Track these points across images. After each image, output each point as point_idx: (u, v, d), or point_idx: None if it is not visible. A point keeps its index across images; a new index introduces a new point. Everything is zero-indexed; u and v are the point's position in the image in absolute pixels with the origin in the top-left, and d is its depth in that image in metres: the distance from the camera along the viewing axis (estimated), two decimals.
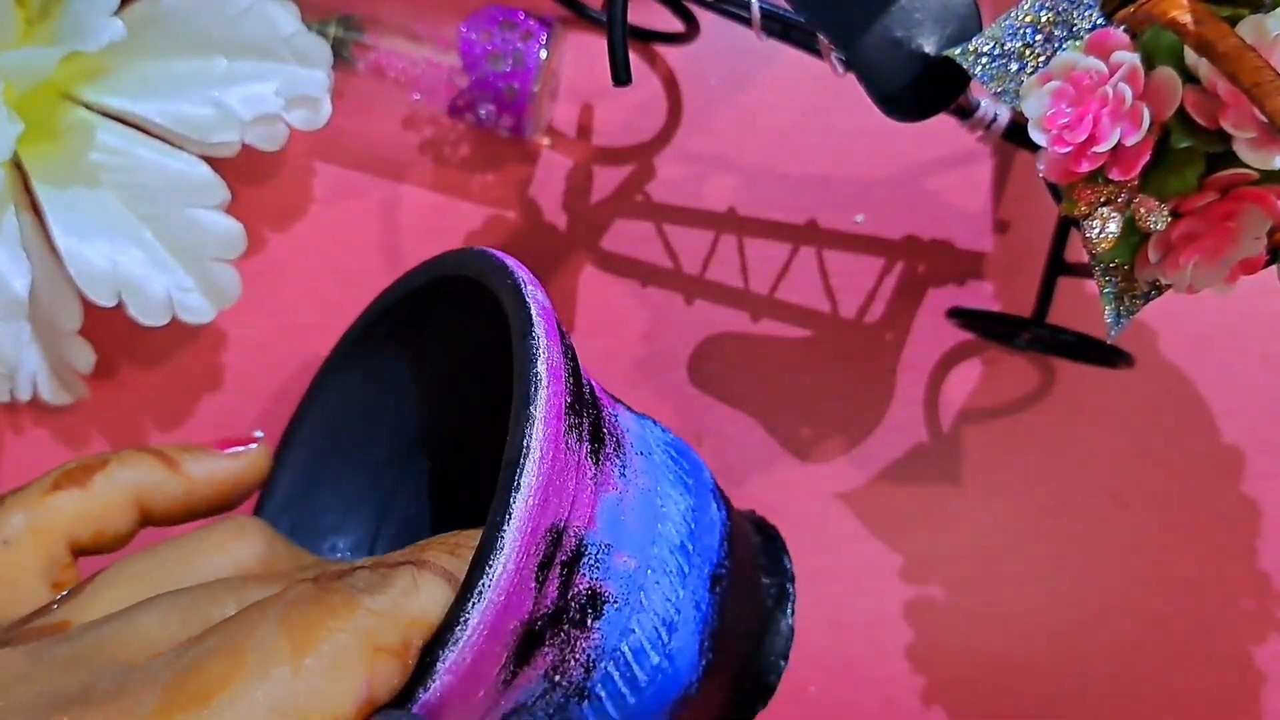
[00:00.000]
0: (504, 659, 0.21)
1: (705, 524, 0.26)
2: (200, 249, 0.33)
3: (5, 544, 0.23)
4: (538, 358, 0.21)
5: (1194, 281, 0.24)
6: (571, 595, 0.22)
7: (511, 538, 0.20)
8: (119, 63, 0.32)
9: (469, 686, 0.20)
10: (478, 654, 0.20)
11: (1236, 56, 0.21)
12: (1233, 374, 0.37)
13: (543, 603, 0.21)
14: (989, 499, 0.37)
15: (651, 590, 0.24)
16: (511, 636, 0.21)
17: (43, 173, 0.32)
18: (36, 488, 0.25)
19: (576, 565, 0.22)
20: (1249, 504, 0.37)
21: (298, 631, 0.19)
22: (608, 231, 0.38)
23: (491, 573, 0.20)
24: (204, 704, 0.18)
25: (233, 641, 0.19)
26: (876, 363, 0.37)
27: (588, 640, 0.23)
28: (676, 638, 0.24)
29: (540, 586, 0.21)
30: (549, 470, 0.21)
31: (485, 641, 0.20)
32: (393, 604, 0.20)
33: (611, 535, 0.23)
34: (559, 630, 0.22)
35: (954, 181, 0.37)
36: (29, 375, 0.34)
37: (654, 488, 0.25)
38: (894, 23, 0.26)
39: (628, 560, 0.23)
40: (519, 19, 0.34)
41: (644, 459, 0.25)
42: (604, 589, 0.23)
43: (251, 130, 0.32)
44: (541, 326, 0.22)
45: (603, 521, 0.23)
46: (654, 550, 0.24)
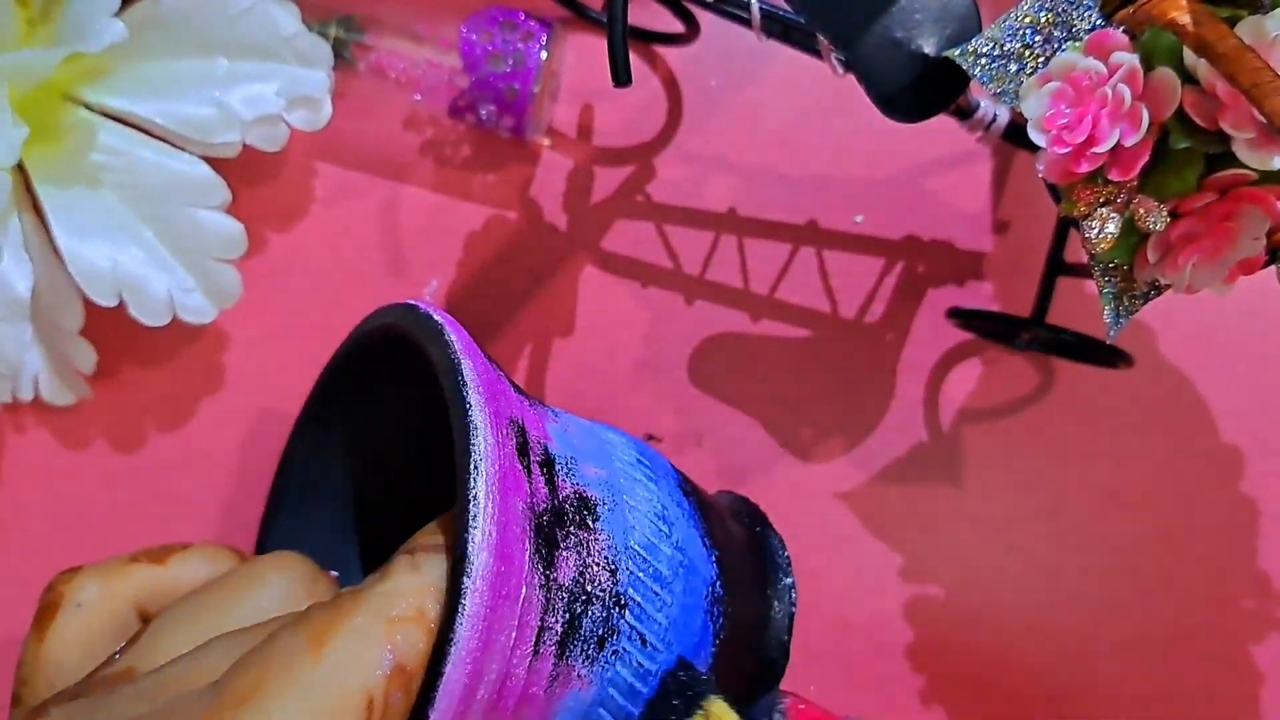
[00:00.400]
0: (528, 549, 0.21)
1: (651, 453, 0.28)
2: (201, 249, 0.33)
3: (79, 606, 0.25)
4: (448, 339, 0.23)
5: (1193, 282, 0.24)
6: (563, 497, 0.23)
7: (479, 419, 0.21)
8: (120, 63, 0.32)
9: (508, 575, 0.21)
10: (501, 531, 0.21)
11: (1235, 57, 0.21)
12: (1232, 374, 0.37)
13: (538, 493, 0.22)
14: (989, 499, 0.37)
15: (630, 492, 0.25)
16: (525, 520, 0.21)
17: (44, 173, 0.32)
18: (115, 561, 0.27)
19: (552, 468, 0.23)
20: (1249, 504, 0.37)
21: (315, 630, 0.20)
22: (608, 232, 0.38)
23: (476, 446, 0.21)
24: (240, 706, 0.19)
25: (262, 653, 0.20)
26: (876, 363, 0.38)
27: (597, 540, 0.23)
28: (676, 529, 0.25)
29: (528, 473, 0.22)
30: (485, 373, 0.23)
31: (502, 514, 0.21)
32: (397, 584, 0.21)
33: (570, 450, 0.24)
34: (568, 531, 0.23)
35: (954, 182, 0.37)
36: (31, 375, 0.34)
37: (588, 427, 0.27)
38: (894, 23, 0.26)
39: (597, 470, 0.25)
40: (519, 20, 0.35)
41: (568, 414, 0.27)
42: (588, 493, 0.24)
43: (252, 131, 0.32)
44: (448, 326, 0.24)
45: (557, 439, 0.24)
46: (615, 464, 0.26)
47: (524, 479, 0.22)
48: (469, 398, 0.22)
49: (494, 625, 0.21)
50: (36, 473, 0.37)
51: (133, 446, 0.37)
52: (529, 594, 0.21)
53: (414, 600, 0.21)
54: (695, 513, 0.27)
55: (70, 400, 0.35)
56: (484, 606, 0.20)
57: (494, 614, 0.21)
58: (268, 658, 0.20)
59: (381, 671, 0.20)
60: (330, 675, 0.20)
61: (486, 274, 0.37)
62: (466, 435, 0.21)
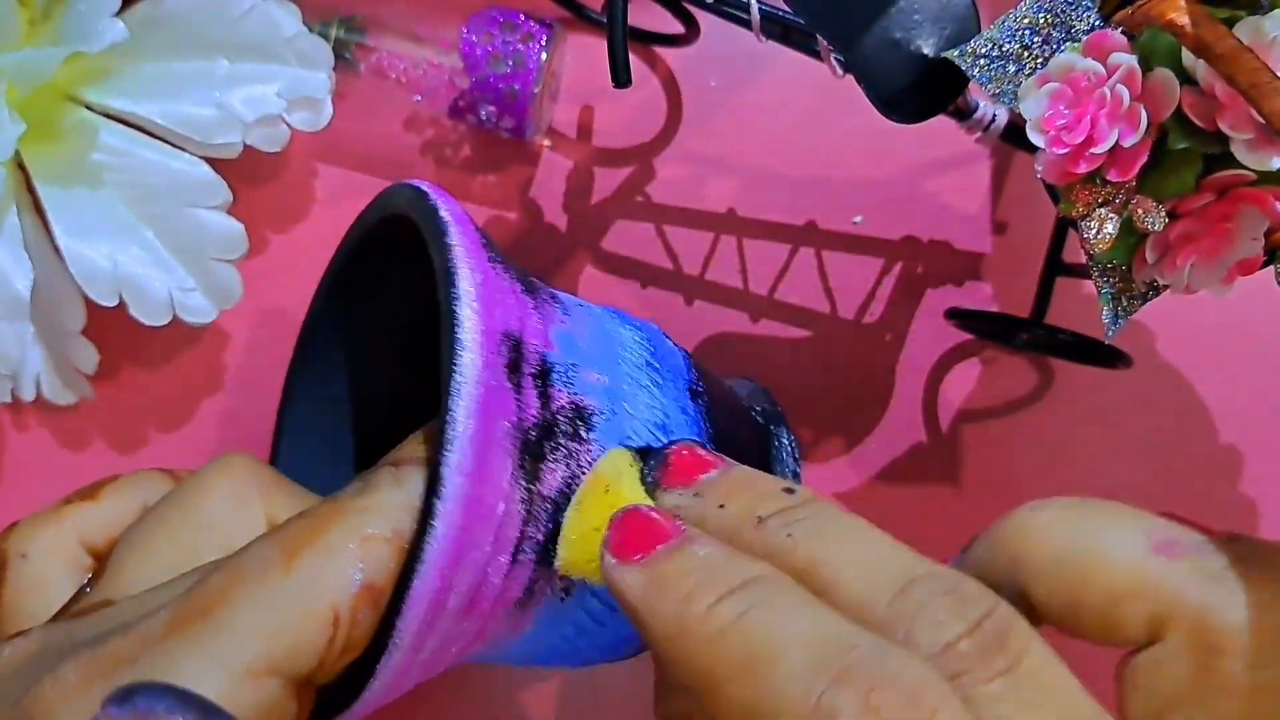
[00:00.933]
0: (510, 468, 0.21)
1: (665, 351, 0.27)
2: (202, 249, 0.33)
3: (24, 557, 0.25)
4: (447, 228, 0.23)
5: (1191, 282, 0.24)
6: (556, 409, 0.23)
7: (468, 335, 0.21)
8: (121, 64, 0.32)
9: (484, 496, 0.21)
10: (480, 453, 0.20)
11: (1234, 58, 0.21)
12: (1231, 374, 0.38)
13: (527, 409, 0.22)
14: (988, 499, 0.38)
15: (632, 400, 0.25)
16: (508, 440, 0.21)
17: (45, 173, 0.32)
18: (48, 508, 0.27)
19: (548, 379, 0.23)
20: (1247, 504, 0.37)
21: (288, 541, 0.20)
22: (608, 232, 0.38)
23: (461, 366, 0.20)
24: (206, 616, 0.19)
25: (232, 563, 0.20)
26: (875, 363, 0.38)
27: (589, 451, 0.23)
28: (675, 436, 0.25)
29: (518, 390, 0.22)
30: (484, 282, 0.22)
31: (482, 435, 0.20)
32: (376, 499, 0.21)
33: (573, 356, 0.24)
34: (557, 444, 0.22)
35: (952, 182, 0.38)
36: (32, 375, 0.34)
37: (600, 324, 0.26)
38: (893, 24, 0.27)
39: (599, 377, 0.24)
40: (519, 21, 0.35)
41: (583, 308, 0.27)
42: (585, 402, 0.23)
43: (253, 131, 0.33)
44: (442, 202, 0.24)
45: (560, 345, 0.24)
46: (621, 368, 0.25)
47: (512, 397, 0.22)
48: (460, 312, 0.21)
49: (466, 544, 0.20)
50: (37, 472, 0.37)
51: (133, 446, 0.37)
52: (508, 509, 0.21)
53: (390, 517, 0.21)
54: (701, 418, 0.26)
55: (71, 400, 0.35)
56: (456, 528, 0.20)
57: (466, 534, 0.20)
58: (237, 567, 0.20)
59: (351, 589, 0.20)
60: (298, 589, 0.20)
61: None
62: (452, 353, 0.21)
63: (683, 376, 0.27)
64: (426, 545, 0.20)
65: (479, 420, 0.21)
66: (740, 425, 0.29)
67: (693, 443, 0.24)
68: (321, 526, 0.21)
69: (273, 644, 0.19)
